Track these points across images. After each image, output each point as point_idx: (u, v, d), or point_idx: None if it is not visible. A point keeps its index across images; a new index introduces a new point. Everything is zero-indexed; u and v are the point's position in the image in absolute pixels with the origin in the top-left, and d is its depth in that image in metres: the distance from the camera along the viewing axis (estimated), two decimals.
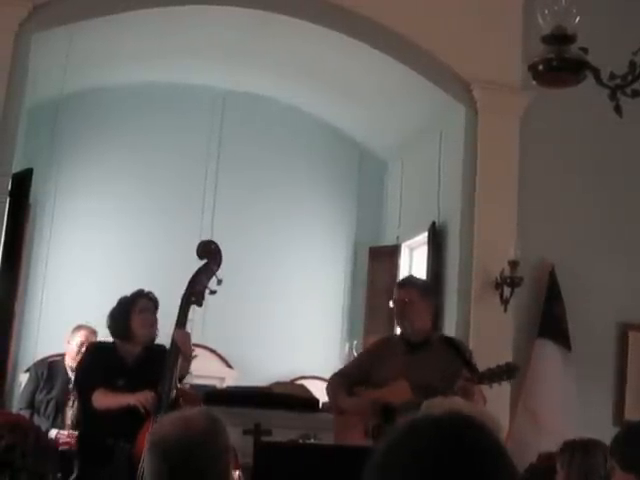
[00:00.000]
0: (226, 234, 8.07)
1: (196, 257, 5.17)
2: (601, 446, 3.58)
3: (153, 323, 5.21)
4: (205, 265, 5.12)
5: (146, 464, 2.32)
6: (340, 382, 5.13)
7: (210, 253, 5.15)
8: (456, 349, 4.92)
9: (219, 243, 5.27)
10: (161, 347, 5.18)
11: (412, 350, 5.01)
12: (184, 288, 5.08)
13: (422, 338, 5.02)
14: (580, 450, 3.57)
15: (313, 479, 4.13)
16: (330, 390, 5.18)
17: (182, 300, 5.05)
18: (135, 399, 4.79)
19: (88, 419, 5.19)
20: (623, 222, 7.47)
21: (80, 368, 5.49)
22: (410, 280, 5.50)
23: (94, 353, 5.33)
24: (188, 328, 5.07)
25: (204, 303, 5.13)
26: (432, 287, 5.40)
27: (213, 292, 5.06)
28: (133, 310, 5.16)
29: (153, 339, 5.23)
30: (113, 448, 4.76)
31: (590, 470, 3.41)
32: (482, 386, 4.72)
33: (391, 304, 5.23)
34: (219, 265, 5.13)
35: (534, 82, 3.25)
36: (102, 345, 5.43)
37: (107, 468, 4.74)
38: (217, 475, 2.30)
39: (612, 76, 3.24)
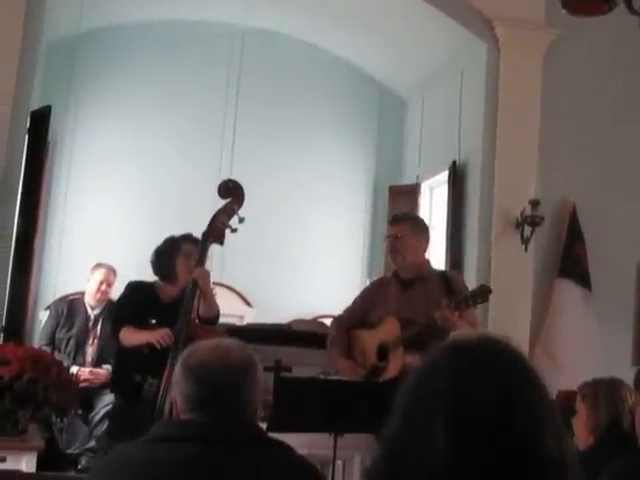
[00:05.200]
0: (245, 172, 8.03)
1: (215, 194, 5.15)
2: (623, 382, 3.56)
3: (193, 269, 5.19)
4: (228, 204, 5.11)
5: (180, 387, 2.32)
6: (338, 333, 5.18)
7: (232, 191, 5.14)
8: (447, 282, 4.94)
9: (238, 180, 5.25)
10: None
11: (405, 287, 5.02)
12: (203, 224, 5.07)
13: (415, 274, 5.01)
14: (604, 384, 3.55)
15: (332, 414, 4.16)
16: (329, 341, 5.22)
17: (202, 238, 5.04)
18: (152, 336, 4.87)
19: (118, 355, 5.34)
20: None
21: (115, 306, 5.65)
22: (402, 216, 5.50)
23: (130, 291, 5.37)
24: (208, 266, 5.07)
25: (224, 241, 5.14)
26: (424, 222, 5.36)
27: (234, 230, 5.05)
28: (179, 254, 5.20)
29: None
30: (141, 384, 4.84)
31: (619, 400, 3.38)
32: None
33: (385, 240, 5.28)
34: (241, 204, 5.11)
35: (563, 10, 3.14)
36: (141, 284, 5.41)
37: (137, 403, 4.82)
38: (249, 403, 2.31)
39: None
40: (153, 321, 5.05)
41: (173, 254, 5.21)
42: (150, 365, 4.82)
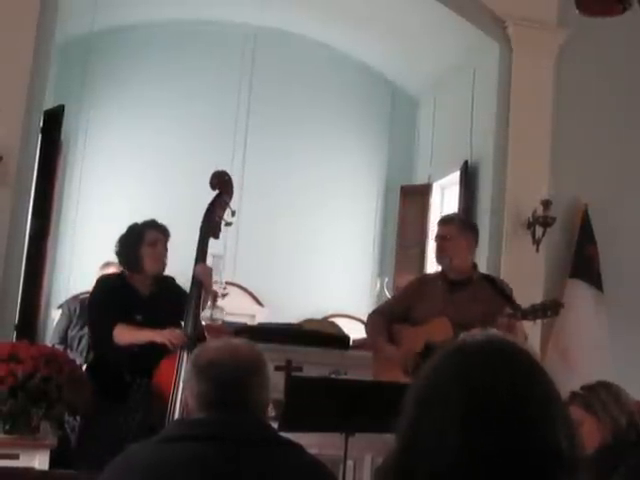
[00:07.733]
0: (257, 172, 8.08)
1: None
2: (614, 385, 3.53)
3: (161, 257, 5.04)
4: (218, 196, 5.04)
5: (190, 387, 2.33)
6: (379, 321, 5.11)
7: (223, 183, 5.09)
8: (496, 286, 4.90)
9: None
10: (169, 278, 5.13)
11: (452, 288, 4.98)
12: None
13: (462, 276, 4.99)
14: (603, 387, 3.51)
15: (343, 414, 4.16)
16: (369, 329, 5.19)
17: (201, 233, 4.95)
18: (162, 336, 4.66)
19: (105, 354, 4.98)
20: None
21: (95, 303, 5.14)
22: (451, 217, 5.46)
23: (107, 287, 5.09)
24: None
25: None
26: (472, 224, 5.34)
27: (229, 224, 4.99)
28: (142, 242, 4.97)
29: (161, 272, 5.08)
30: (130, 384, 4.70)
31: (624, 395, 3.37)
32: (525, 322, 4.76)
33: (433, 241, 5.23)
34: (231, 196, 5.06)
35: (577, 11, 3.13)
36: (114, 278, 5.22)
37: (124, 403, 4.66)
38: (260, 402, 2.32)
39: None
40: (139, 317, 4.85)
41: (136, 243, 4.97)
42: (141, 365, 4.66)
